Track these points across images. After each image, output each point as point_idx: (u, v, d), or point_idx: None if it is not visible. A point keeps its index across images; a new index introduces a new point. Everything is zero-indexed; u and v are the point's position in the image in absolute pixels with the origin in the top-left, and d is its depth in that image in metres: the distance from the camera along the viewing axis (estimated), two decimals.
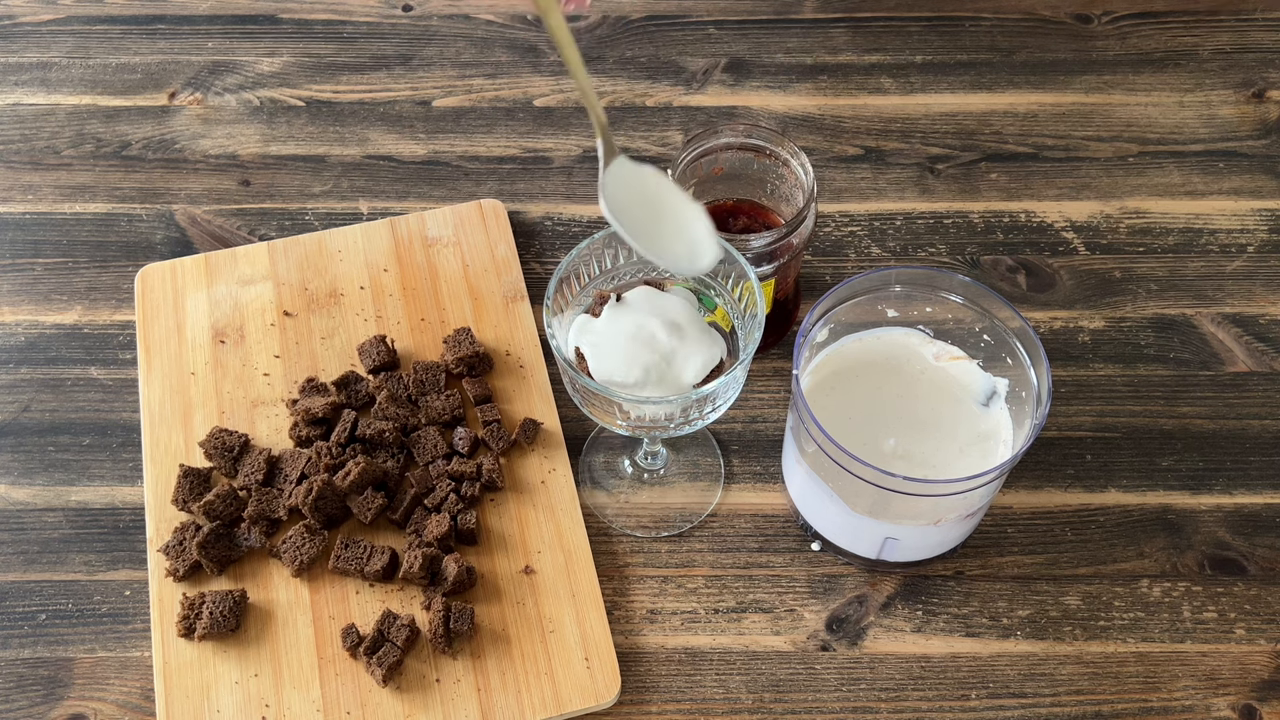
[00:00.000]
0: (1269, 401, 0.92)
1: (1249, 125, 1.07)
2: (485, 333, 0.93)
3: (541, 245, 1.00)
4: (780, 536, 0.87)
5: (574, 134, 1.06)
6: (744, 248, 0.81)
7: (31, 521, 0.88)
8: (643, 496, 0.89)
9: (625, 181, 0.74)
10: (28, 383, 0.94)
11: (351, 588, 0.83)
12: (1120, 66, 1.10)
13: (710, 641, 0.83)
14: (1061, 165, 1.04)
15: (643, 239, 0.73)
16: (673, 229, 0.74)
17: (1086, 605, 0.84)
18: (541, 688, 0.79)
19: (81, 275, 0.99)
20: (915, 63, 1.11)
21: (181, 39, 1.12)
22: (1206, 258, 0.99)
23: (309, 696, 0.79)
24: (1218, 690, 0.81)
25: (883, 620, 0.84)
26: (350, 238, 0.98)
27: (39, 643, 0.83)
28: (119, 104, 1.08)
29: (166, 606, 0.82)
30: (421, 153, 1.05)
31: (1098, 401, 0.92)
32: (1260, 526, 0.87)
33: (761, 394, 0.93)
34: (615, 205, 0.73)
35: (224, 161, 1.05)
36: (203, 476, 0.86)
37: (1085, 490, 0.88)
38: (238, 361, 0.92)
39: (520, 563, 0.84)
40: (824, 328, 0.82)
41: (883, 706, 0.80)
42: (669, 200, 0.75)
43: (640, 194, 0.75)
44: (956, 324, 0.82)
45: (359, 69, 1.10)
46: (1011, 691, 0.81)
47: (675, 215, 0.75)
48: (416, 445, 0.87)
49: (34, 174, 1.04)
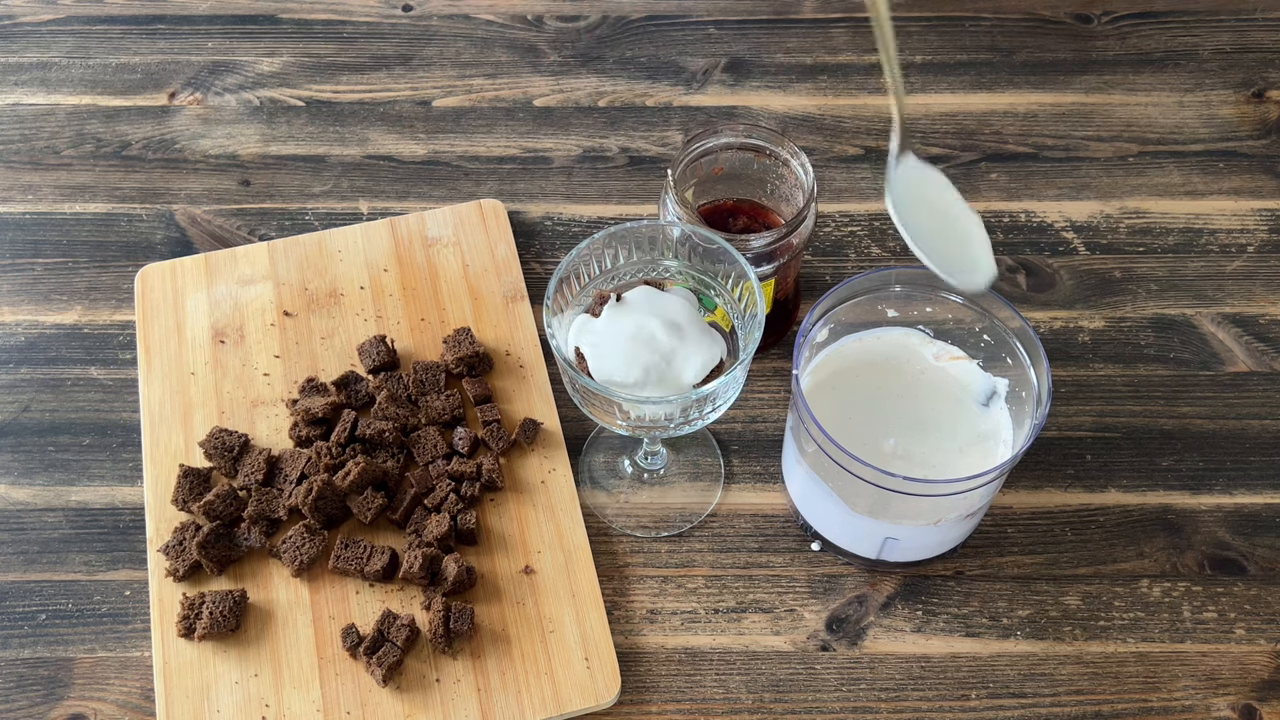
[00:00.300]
0: (1269, 401, 0.92)
1: (1249, 125, 1.07)
2: (485, 333, 0.93)
3: (541, 245, 1.00)
4: (780, 536, 0.87)
5: (574, 134, 1.06)
6: (744, 248, 0.81)
7: (31, 521, 0.88)
8: (643, 496, 0.89)
9: (912, 181, 0.72)
10: (28, 383, 0.94)
11: (351, 588, 0.83)
12: (1120, 66, 1.10)
13: (710, 641, 0.83)
14: (1061, 165, 1.04)
15: (923, 243, 0.70)
16: (954, 238, 0.72)
17: (1086, 605, 0.84)
18: (541, 688, 0.79)
19: (81, 275, 0.99)
20: (915, 63, 1.11)
21: (181, 39, 1.12)
22: (1206, 258, 0.99)
23: (309, 696, 0.79)
24: (1218, 690, 0.81)
25: (883, 620, 0.84)
26: (350, 238, 0.98)
27: (39, 643, 0.83)
28: (119, 104, 1.08)
29: (166, 606, 0.82)
30: (421, 153, 1.05)
31: (1098, 401, 0.92)
32: (1260, 526, 0.87)
33: (761, 394, 0.93)
34: (900, 204, 0.71)
35: (224, 161, 1.05)
36: (203, 476, 0.86)
37: (1085, 490, 0.88)
38: (238, 361, 0.92)
39: (520, 563, 0.84)
40: (824, 328, 0.82)
41: (883, 706, 0.80)
42: (953, 207, 0.73)
43: (924, 196, 0.72)
44: (956, 324, 0.82)
45: (359, 69, 1.10)
46: (1011, 691, 0.81)
47: (957, 223, 0.72)
48: (416, 445, 0.87)
49: (34, 174, 1.04)
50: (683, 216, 0.82)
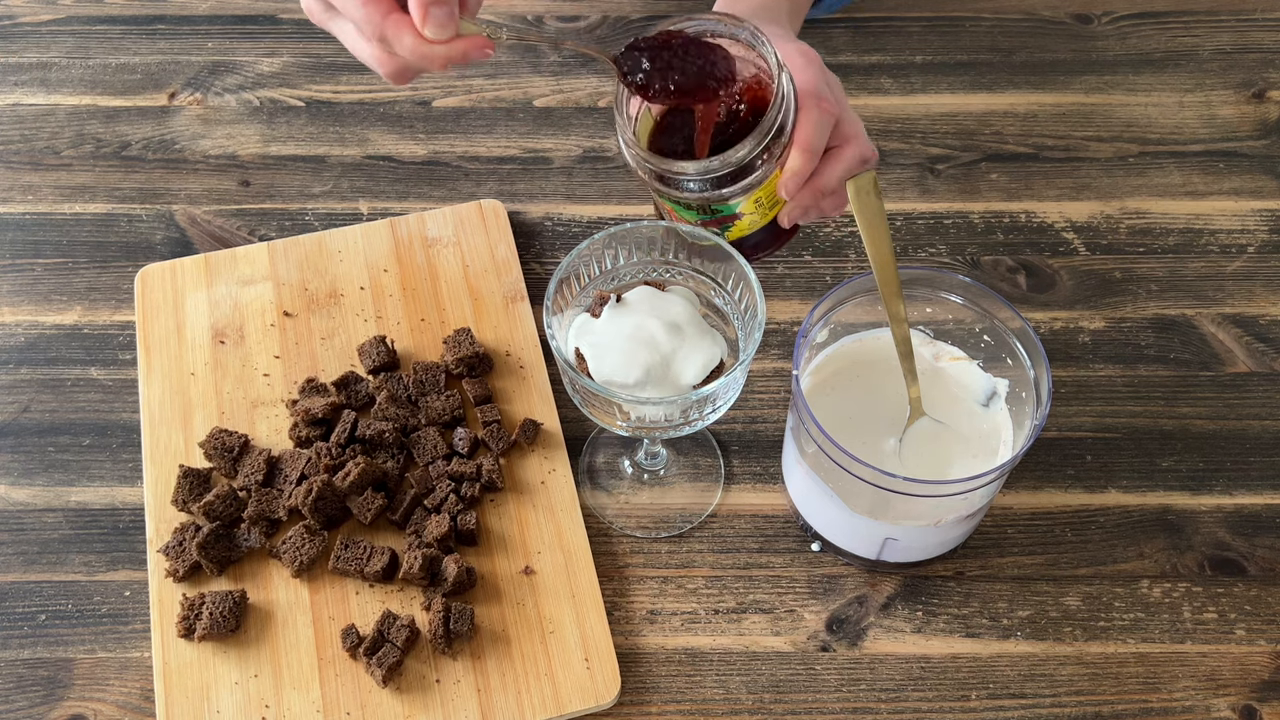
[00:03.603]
0: (1269, 402, 0.92)
1: (1249, 125, 1.07)
2: (485, 333, 0.93)
3: (541, 246, 1.00)
4: (780, 537, 0.87)
5: (574, 134, 1.06)
6: (731, 159, 0.71)
7: (31, 522, 0.88)
8: (643, 497, 0.89)
9: (921, 436, 0.80)
10: (28, 383, 0.93)
11: (351, 588, 0.83)
12: (1120, 66, 1.10)
13: (710, 642, 0.83)
14: (1061, 165, 1.04)
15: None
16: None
17: (1086, 606, 0.84)
18: (541, 688, 0.79)
19: (81, 275, 0.99)
20: (915, 63, 1.11)
21: (181, 39, 1.12)
22: (1207, 258, 0.99)
23: (309, 697, 0.79)
24: (1218, 691, 0.81)
25: (883, 621, 0.84)
26: (350, 238, 0.98)
27: (39, 643, 0.83)
28: (119, 104, 1.08)
29: (166, 607, 0.82)
30: (421, 153, 1.05)
31: (1098, 402, 0.92)
32: (1260, 527, 0.87)
33: (761, 394, 0.93)
34: (908, 463, 0.79)
35: (224, 162, 1.05)
36: (203, 477, 0.86)
37: (1085, 491, 0.88)
38: (238, 362, 0.92)
39: (520, 563, 0.84)
40: (824, 328, 0.82)
41: (883, 707, 0.80)
42: (956, 457, 0.80)
43: (931, 450, 0.80)
44: (957, 324, 0.82)
45: (359, 69, 1.10)
46: (1011, 692, 0.81)
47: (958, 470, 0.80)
48: (416, 446, 0.87)
49: (34, 174, 1.04)
50: (633, 147, 0.74)
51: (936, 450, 0.79)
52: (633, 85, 0.71)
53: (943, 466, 0.79)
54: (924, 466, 0.79)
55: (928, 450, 0.79)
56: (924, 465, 0.79)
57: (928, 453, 0.79)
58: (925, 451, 0.79)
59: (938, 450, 0.79)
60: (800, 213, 0.76)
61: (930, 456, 0.79)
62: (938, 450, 0.79)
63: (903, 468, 0.78)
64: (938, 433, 0.80)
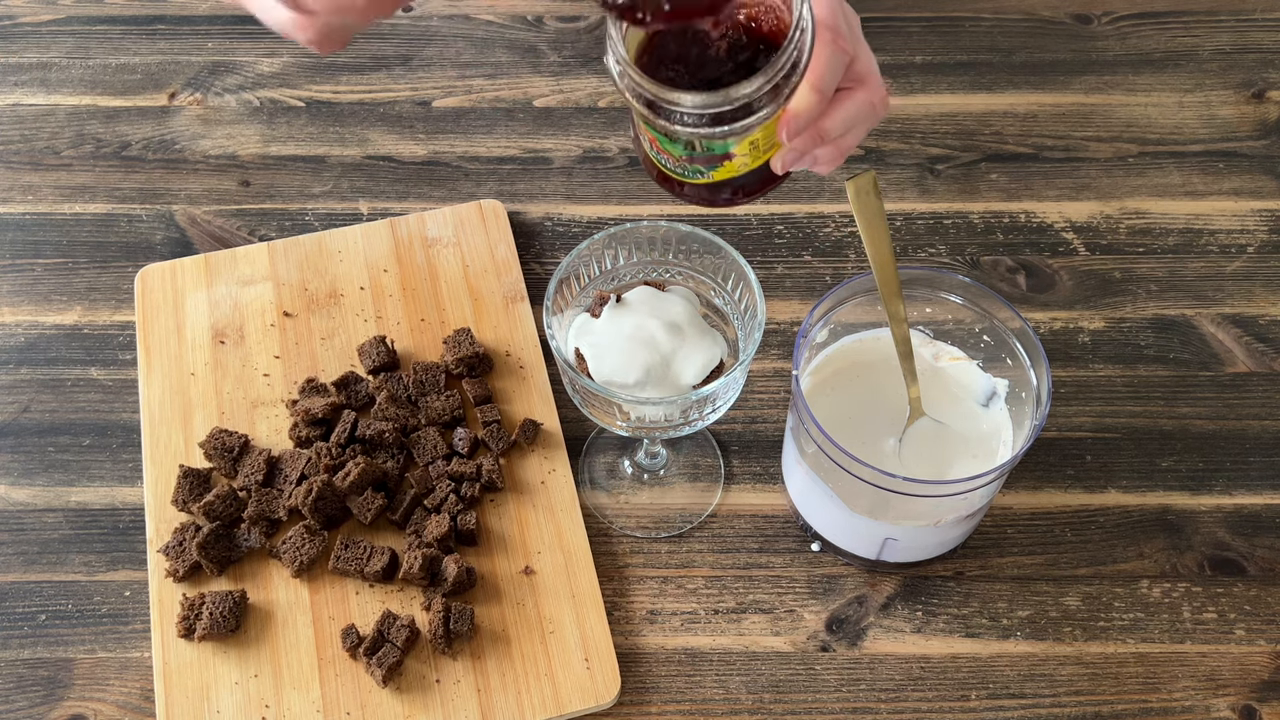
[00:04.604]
0: (1269, 402, 0.92)
1: (1249, 125, 1.07)
2: (485, 333, 0.93)
3: (541, 246, 1.00)
4: (780, 537, 0.87)
5: (574, 134, 1.06)
6: (736, 95, 0.62)
7: (31, 522, 0.88)
8: (643, 497, 0.89)
9: (921, 436, 0.80)
10: (28, 383, 0.94)
11: (351, 588, 0.83)
12: (1120, 67, 1.10)
13: (710, 642, 0.83)
14: (1061, 166, 1.04)
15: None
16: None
17: (1086, 606, 0.84)
18: (541, 688, 0.79)
19: (81, 275, 0.99)
20: (915, 63, 1.11)
21: (181, 39, 1.12)
22: (1206, 258, 0.99)
23: (309, 697, 0.79)
24: (1218, 691, 0.81)
25: (882, 621, 0.84)
26: (350, 238, 0.98)
27: (39, 643, 0.83)
28: (119, 104, 1.08)
29: (166, 607, 0.82)
30: (421, 153, 1.05)
31: (1098, 402, 0.92)
32: (1260, 527, 0.87)
33: (761, 394, 0.93)
34: (907, 463, 0.79)
35: (224, 162, 1.05)
36: (203, 477, 0.86)
37: (1085, 491, 0.88)
38: (238, 362, 0.92)
39: (520, 563, 0.84)
40: (824, 328, 0.82)
41: (882, 707, 0.80)
42: (956, 457, 0.80)
43: (931, 451, 0.80)
44: (956, 324, 0.82)
45: (359, 69, 1.10)
46: (1011, 692, 0.81)
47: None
48: (416, 446, 0.87)
49: (34, 174, 1.04)
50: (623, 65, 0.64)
51: (936, 450, 0.79)
52: (614, 7, 0.57)
53: (942, 467, 0.79)
54: (924, 466, 0.79)
55: (927, 450, 0.79)
56: (924, 465, 0.79)
57: (927, 453, 0.79)
58: (925, 451, 0.79)
59: (937, 450, 0.79)
60: (795, 158, 0.68)
61: (930, 456, 0.79)
62: (937, 450, 0.79)
63: (902, 468, 0.78)
64: (938, 433, 0.80)
